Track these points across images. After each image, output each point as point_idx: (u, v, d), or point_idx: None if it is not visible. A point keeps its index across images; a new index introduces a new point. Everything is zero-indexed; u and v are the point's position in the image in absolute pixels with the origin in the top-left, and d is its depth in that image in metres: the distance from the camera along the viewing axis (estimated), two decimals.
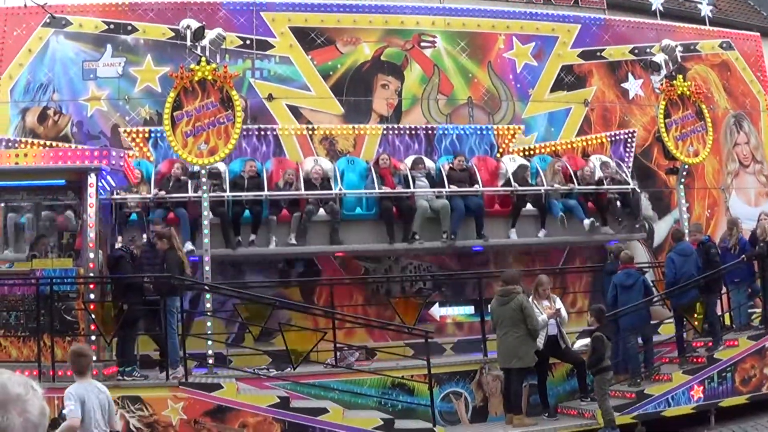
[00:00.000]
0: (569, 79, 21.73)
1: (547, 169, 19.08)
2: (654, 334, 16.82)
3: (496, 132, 20.45)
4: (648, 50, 21.66)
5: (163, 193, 16.73)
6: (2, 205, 14.47)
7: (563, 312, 14.91)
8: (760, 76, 24.31)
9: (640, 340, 15.78)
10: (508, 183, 18.57)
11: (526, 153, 20.44)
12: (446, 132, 20.21)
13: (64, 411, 9.19)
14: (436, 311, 18.03)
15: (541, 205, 18.46)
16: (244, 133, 18.13)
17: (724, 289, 17.05)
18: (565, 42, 21.88)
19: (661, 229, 21.39)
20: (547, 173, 18.88)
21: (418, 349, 15.58)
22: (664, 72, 19.01)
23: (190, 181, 16.70)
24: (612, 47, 22.36)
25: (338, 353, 15.17)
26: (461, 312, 18.71)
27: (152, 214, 16.50)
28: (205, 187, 15.65)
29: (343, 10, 20.46)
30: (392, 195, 17.79)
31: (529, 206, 18.60)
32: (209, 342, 15.05)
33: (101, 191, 14.28)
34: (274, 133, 19.26)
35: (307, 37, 20.03)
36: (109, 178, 14.62)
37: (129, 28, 19.06)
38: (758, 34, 26.00)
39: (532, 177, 18.89)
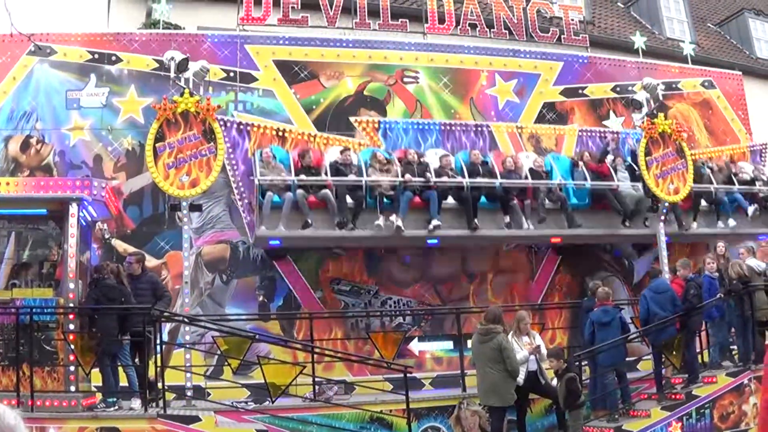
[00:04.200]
0: (551, 116, 21.87)
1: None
2: (631, 370, 16.84)
3: None
4: (630, 88, 21.82)
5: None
6: None
7: (543, 348, 14.93)
8: (742, 115, 24.49)
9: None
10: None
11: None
12: (628, 135, 21.60)
13: None
14: (416, 346, 18.06)
15: (713, 200, 20.47)
16: (463, 128, 20.28)
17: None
18: (548, 79, 22.03)
19: (641, 266, 21.47)
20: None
21: (397, 383, 15.56)
22: (645, 110, 19.17)
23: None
24: (594, 85, 22.53)
25: (317, 387, 15.16)
26: (440, 347, 18.75)
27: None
28: (186, 219, 15.69)
29: (327, 45, 20.56)
30: (604, 186, 19.42)
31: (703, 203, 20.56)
32: (188, 374, 15.01)
33: (82, 221, 14.26)
34: (489, 129, 20.52)
35: (290, 71, 20.11)
36: (90, 208, 14.62)
37: (113, 58, 19.10)
38: (740, 73, 26.22)
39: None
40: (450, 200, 18.16)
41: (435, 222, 17.51)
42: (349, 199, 17.36)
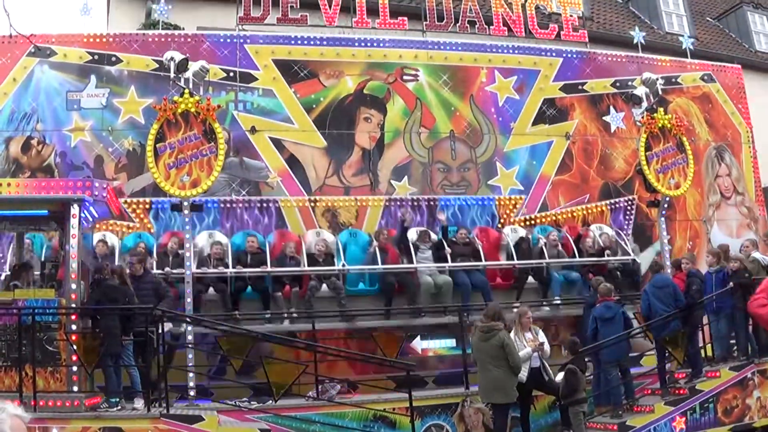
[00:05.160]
0: (551, 113, 21.89)
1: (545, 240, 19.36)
2: (634, 366, 16.81)
3: (497, 202, 20.94)
4: (629, 83, 21.82)
5: (168, 269, 16.70)
6: None
7: (546, 346, 14.88)
8: (741, 108, 24.52)
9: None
10: (510, 256, 18.98)
11: (527, 223, 20.87)
12: (448, 203, 20.50)
13: None
14: (418, 344, 18.02)
15: (542, 278, 18.82)
16: (246, 205, 18.90)
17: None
18: (547, 75, 22.06)
19: (643, 261, 21.43)
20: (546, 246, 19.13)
21: (400, 382, 15.55)
22: (645, 105, 19.14)
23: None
24: (593, 80, 22.54)
25: (320, 386, 15.15)
26: (443, 345, 18.68)
27: None
28: (187, 219, 15.70)
29: (326, 43, 20.58)
30: (395, 270, 17.94)
31: (530, 279, 18.94)
32: (191, 374, 15.01)
33: (83, 222, 14.25)
34: (276, 205, 19.52)
35: (290, 70, 20.14)
36: (92, 209, 14.61)
37: (113, 59, 19.11)
38: (739, 66, 26.24)
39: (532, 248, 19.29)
40: (211, 291, 17.03)
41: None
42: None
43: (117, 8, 24.37)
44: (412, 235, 18.62)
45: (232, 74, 19.64)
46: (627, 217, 21.92)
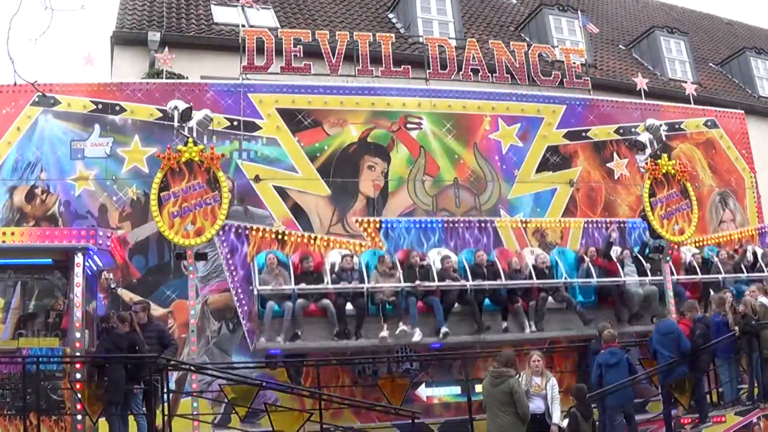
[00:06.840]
0: (554, 160, 21.90)
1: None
2: (639, 412, 16.71)
3: None
4: (633, 130, 21.84)
5: (418, 282, 17.88)
6: None
7: (554, 390, 14.73)
8: (745, 154, 24.52)
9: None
10: (689, 270, 20.57)
11: (695, 244, 21.79)
12: (635, 225, 21.49)
13: None
14: (423, 392, 17.93)
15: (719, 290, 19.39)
16: (467, 225, 20.12)
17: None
18: (551, 123, 22.08)
19: None
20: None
21: (405, 429, 15.45)
22: (648, 151, 19.18)
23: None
24: (597, 127, 22.57)
25: None
26: (448, 392, 18.62)
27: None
28: (191, 268, 15.70)
29: (330, 92, 20.63)
30: (610, 283, 19.45)
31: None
32: (195, 423, 14.93)
33: (87, 271, 14.26)
34: (493, 225, 20.41)
35: (294, 119, 20.17)
36: (96, 258, 14.63)
37: (117, 108, 19.13)
38: (743, 111, 26.28)
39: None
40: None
41: (444, 330, 17.52)
42: (350, 306, 17.51)
43: (120, 57, 24.48)
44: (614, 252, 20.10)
45: (235, 123, 19.68)
46: None
